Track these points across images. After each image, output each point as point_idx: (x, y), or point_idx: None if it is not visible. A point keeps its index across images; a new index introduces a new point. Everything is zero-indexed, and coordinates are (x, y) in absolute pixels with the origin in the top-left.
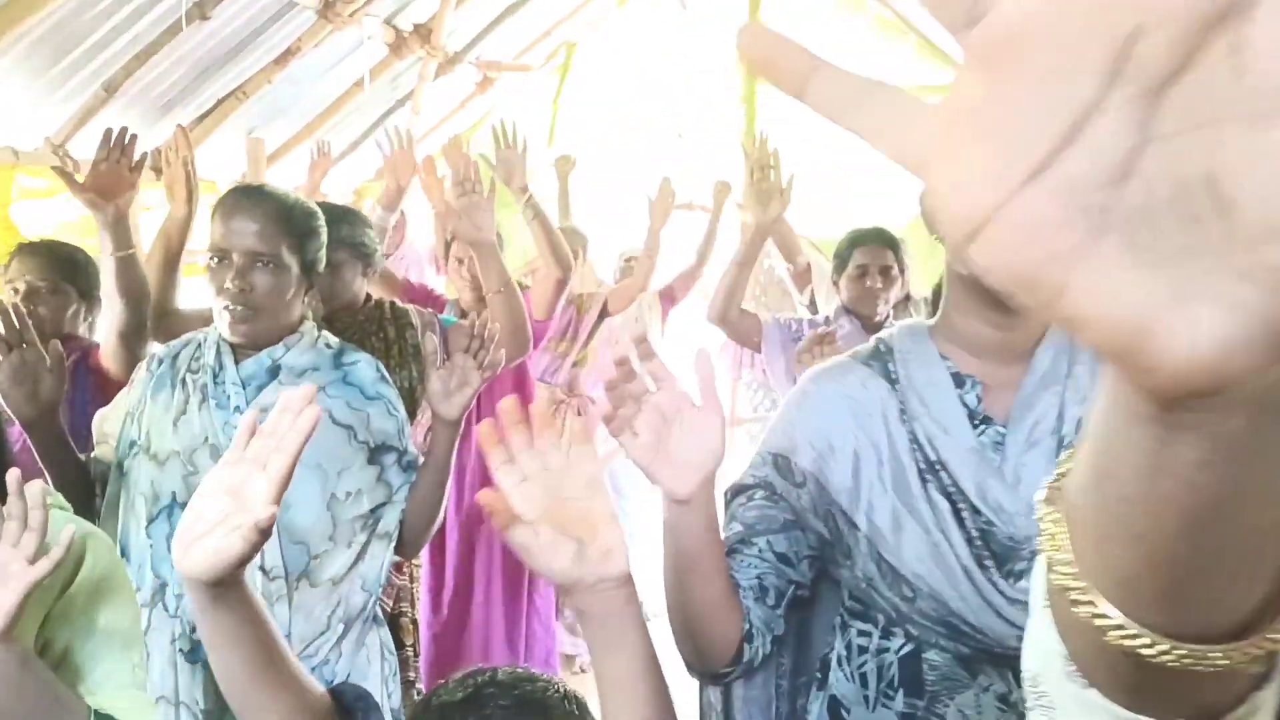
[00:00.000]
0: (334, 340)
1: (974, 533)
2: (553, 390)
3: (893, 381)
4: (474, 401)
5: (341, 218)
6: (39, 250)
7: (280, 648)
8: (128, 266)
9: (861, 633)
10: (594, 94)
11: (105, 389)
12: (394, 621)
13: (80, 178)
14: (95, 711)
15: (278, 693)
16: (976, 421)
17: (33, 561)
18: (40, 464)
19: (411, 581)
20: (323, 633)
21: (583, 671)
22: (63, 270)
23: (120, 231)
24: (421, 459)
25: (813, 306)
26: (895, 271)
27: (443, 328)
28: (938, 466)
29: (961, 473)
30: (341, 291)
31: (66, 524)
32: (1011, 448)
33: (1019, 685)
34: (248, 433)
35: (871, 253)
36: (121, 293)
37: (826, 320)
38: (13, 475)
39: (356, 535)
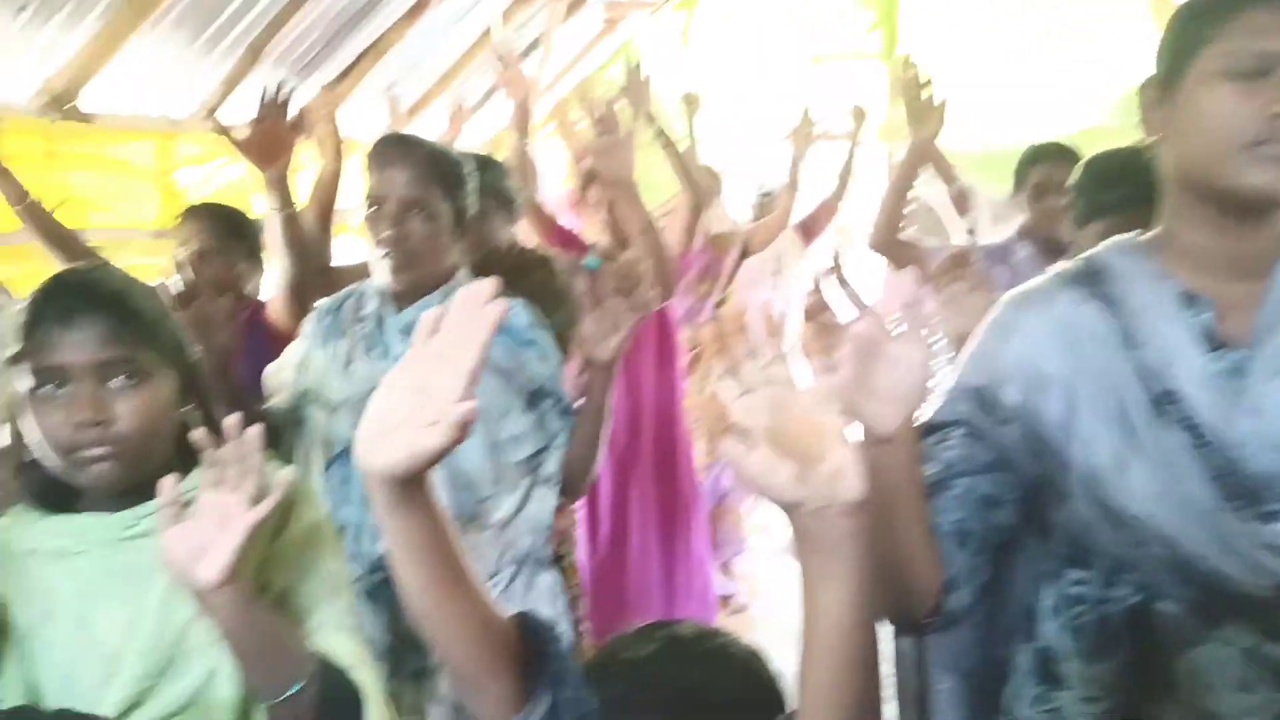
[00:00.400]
0: None
1: (1218, 470)
2: (695, 331)
3: (1111, 304)
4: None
5: (483, 166)
6: (205, 213)
7: (466, 562)
8: (291, 223)
9: (1078, 581)
10: (723, 27)
11: (277, 343)
12: (557, 562)
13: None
14: (317, 653)
15: (464, 606)
16: (1212, 346)
17: (253, 504)
18: None
19: (572, 525)
20: (493, 575)
21: (741, 610)
22: (229, 230)
23: (282, 190)
24: (576, 404)
25: (972, 234)
26: None
27: (589, 271)
28: (1169, 398)
29: (1198, 403)
30: (488, 238)
31: (277, 469)
32: (1255, 375)
33: (1268, 639)
34: (429, 330)
35: (1050, 169)
36: (288, 249)
37: (1006, 245)
38: (233, 420)
39: (520, 480)
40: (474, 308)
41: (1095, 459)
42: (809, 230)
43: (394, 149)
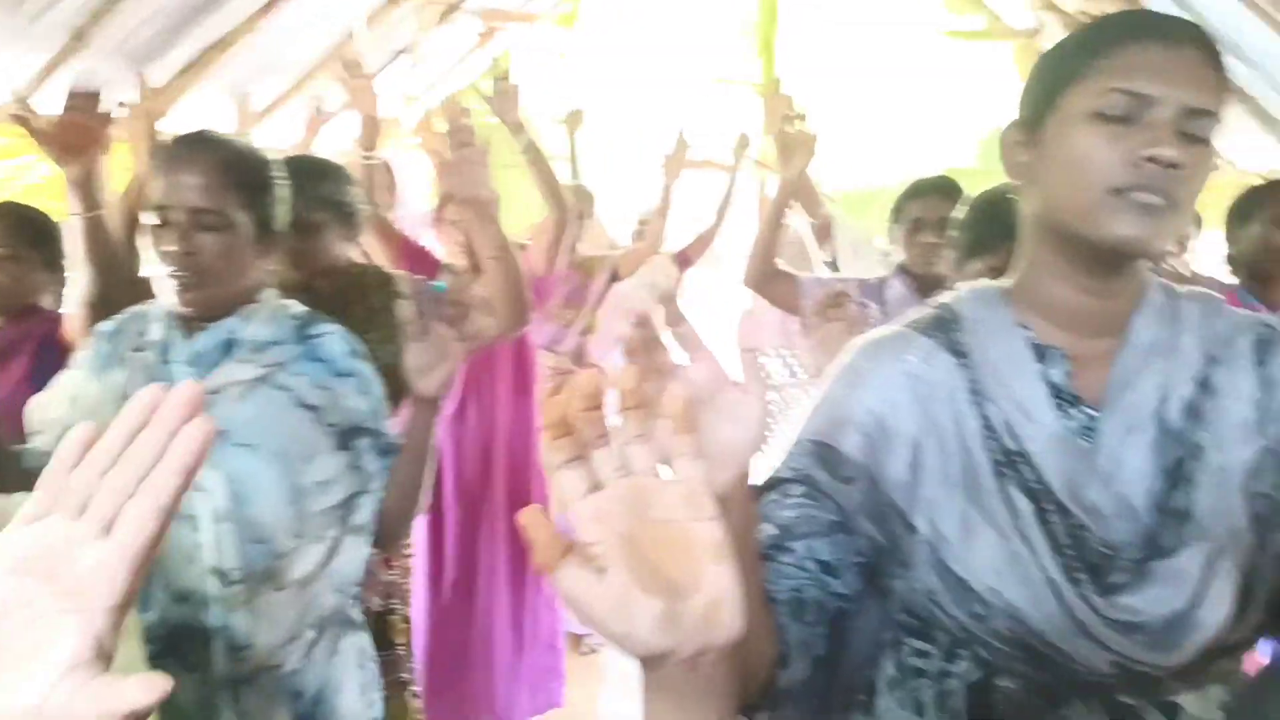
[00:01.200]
0: (300, 310)
1: (1063, 539)
2: (561, 360)
3: (960, 355)
4: (459, 376)
5: (322, 174)
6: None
7: None
8: (95, 229)
9: (918, 653)
10: (603, 45)
11: None
12: (382, 620)
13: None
14: None
15: None
16: (1063, 402)
17: None
18: None
19: (403, 576)
20: (291, 640)
21: (592, 652)
22: (24, 235)
23: (87, 190)
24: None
25: (833, 265)
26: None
27: (431, 295)
28: (1017, 458)
29: (1047, 465)
30: (319, 255)
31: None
32: (1107, 434)
33: (1109, 718)
34: (81, 450)
35: (928, 204)
36: (89, 258)
37: (881, 281)
38: None
39: (327, 530)
40: (167, 428)
41: (940, 524)
42: (685, 259)
43: (183, 151)
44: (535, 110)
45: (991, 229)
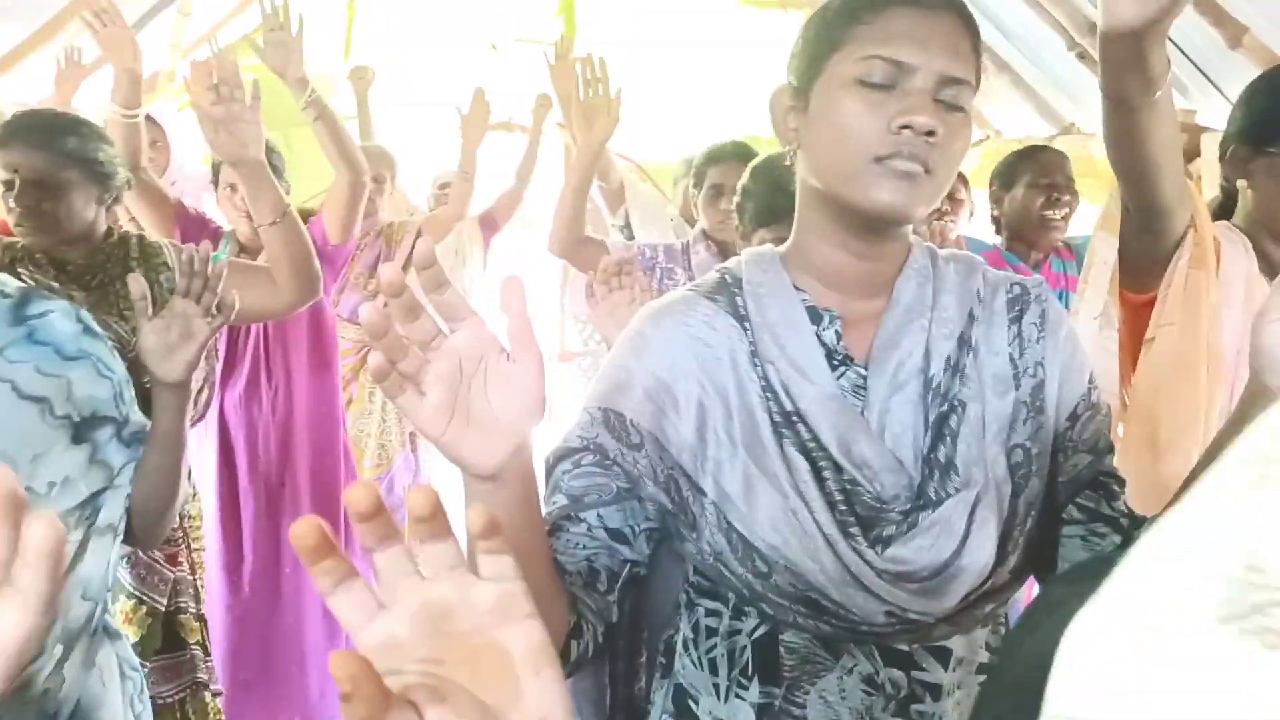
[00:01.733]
0: (12, 286)
1: (836, 494)
2: (361, 332)
3: (742, 319)
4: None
5: (68, 129)
6: None
7: None
8: None
9: (710, 612)
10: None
11: None
12: (173, 619)
13: None
14: None
15: None
16: (836, 362)
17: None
18: None
19: (192, 571)
20: (36, 658)
21: None
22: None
23: None
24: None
25: (627, 230)
26: None
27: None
28: (794, 418)
29: (821, 423)
30: (69, 221)
31: None
32: (875, 391)
33: (886, 665)
34: None
35: (728, 170)
36: None
37: (685, 247)
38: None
39: (70, 533)
40: None
41: (725, 484)
42: (490, 222)
43: None
44: (325, 68)
45: (775, 197)
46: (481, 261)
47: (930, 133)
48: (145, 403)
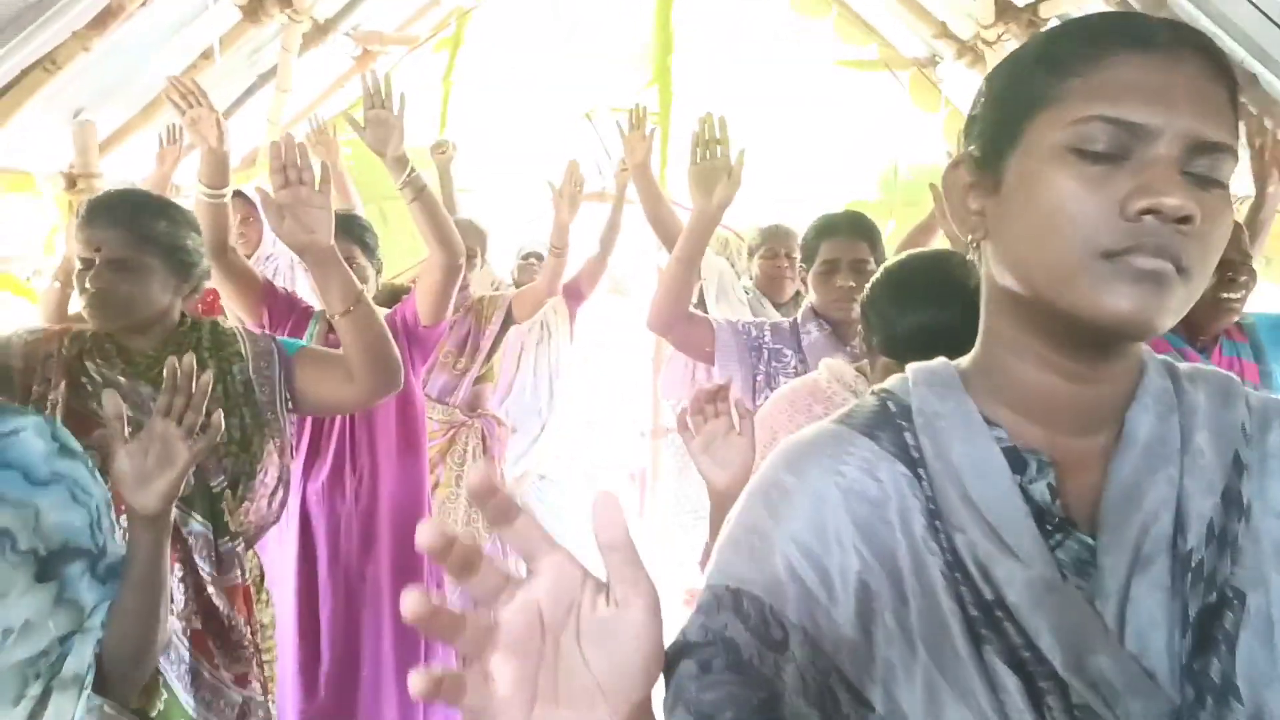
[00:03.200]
0: None
1: None
2: (451, 412)
3: (914, 464)
4: (332, 440)
5: (156, 211)
6: None
7: None
8: None
9: None
10: (489, 72)
11: None
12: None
13: None
14: None
15: None
16: (1050, 528)
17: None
18: None
19: (264, 692)
20: None
21: None
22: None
23: None
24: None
25: (701, 307)
26: (872, 267)
27: (282, 354)
28: (997, 611)
29: (1036, 621)
30: (144, 307)
31: None
32: (1110, 572)
33: None
34: None
35: (842, 246)
36: None
37: (794, 325)
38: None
39: (27, 687)
40: None
41: (901, 699)
42: (575, 294)
43: None
44: (417, 141)
45: (917, 315)
46: (568, 335)
47: (1184, 219)
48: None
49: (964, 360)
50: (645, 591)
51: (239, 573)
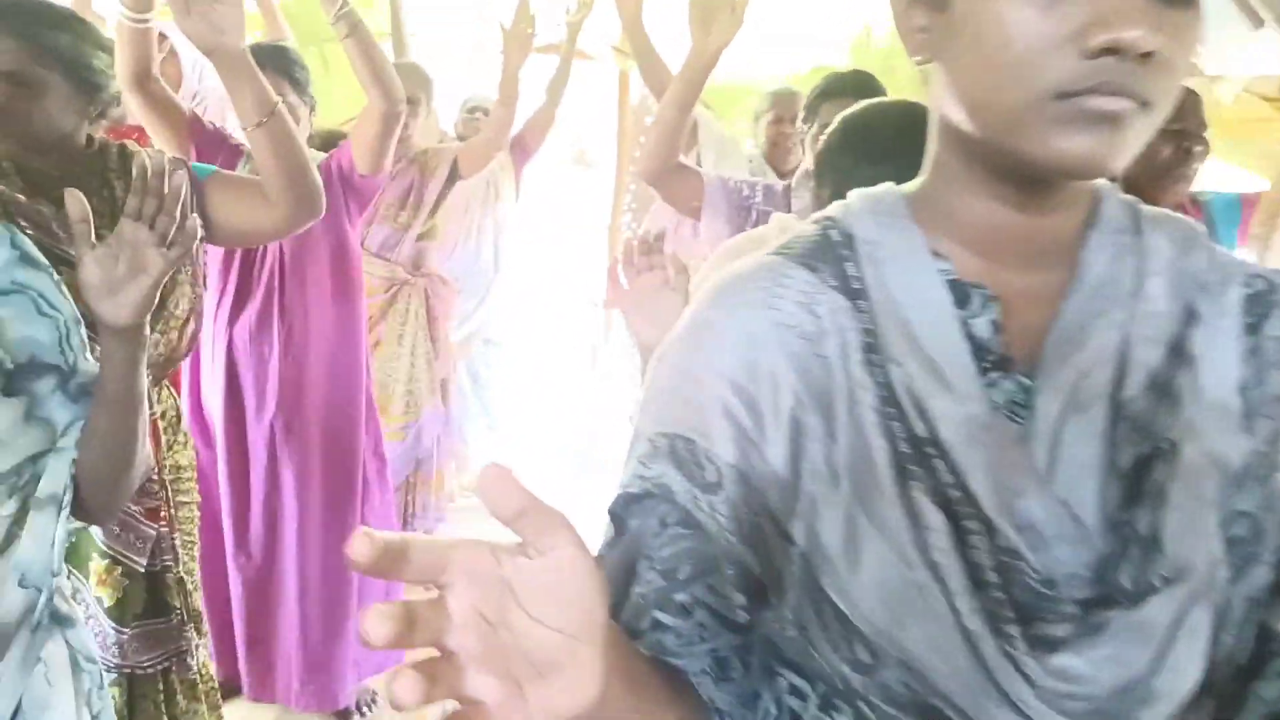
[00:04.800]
0: None
1: (986, 568)
2: (394, 269)
3: (854, 295)
4: (258, 280)
5: (58, 22)
6: None
7: None
8: None
9: (794, 691)
10: None
11: None
12: (154, 581)
13: None
14: None
15: None
16: (987, 365)
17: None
18: None
19: (173, 529)
20: None
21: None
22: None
23: None
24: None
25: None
26: None
27: (193, 178)
28: (928, 448)
29: (969, 459)
30: (43, 127)
31: None
32: (1043, 413)
33: None
34: None
35: (845, 107)
36: None
37: (788, 189)
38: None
39: (1, 505)
40: None
41: (822, 534)
42: (521, 148)
43: None
44: None
45: (871, 168)
46: (514, 192)
47: (1147, 54)
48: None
49: (909, 187)
50: (558, 528)
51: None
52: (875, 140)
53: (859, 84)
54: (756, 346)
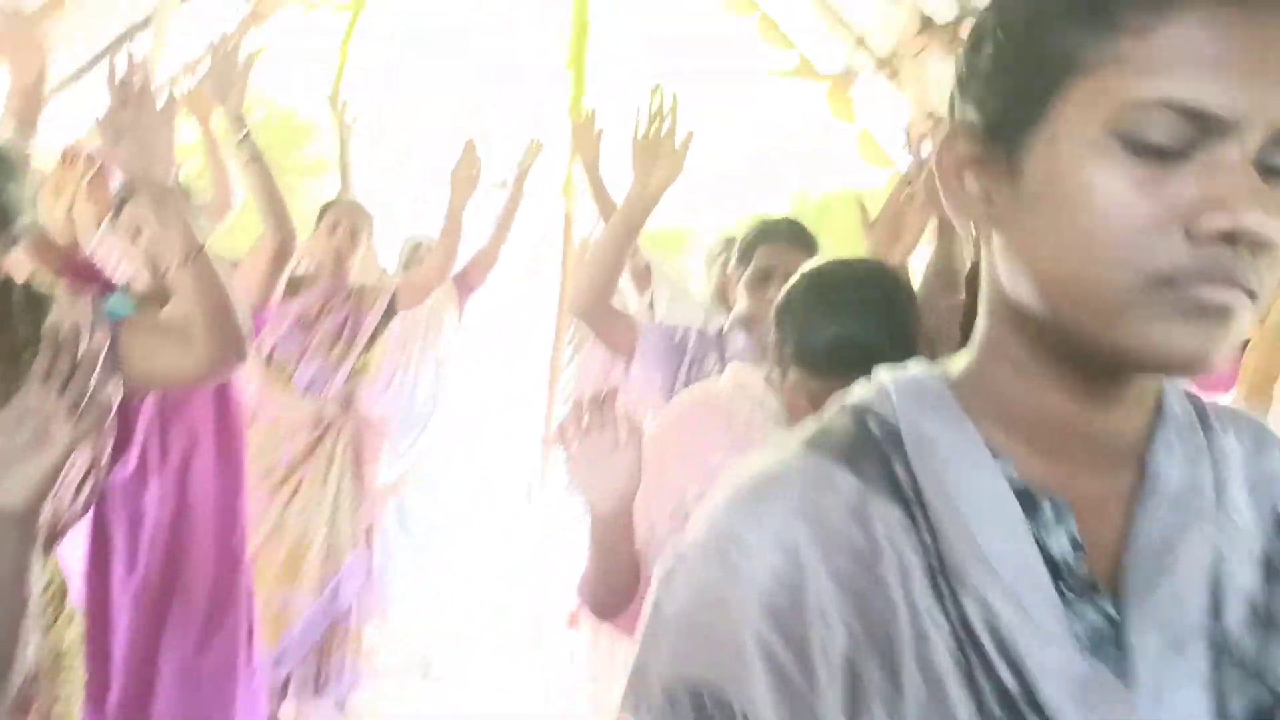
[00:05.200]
0: None
1: None
2: (321, 406)
3: (907, 504)
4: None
5: None
6: None
7: None
8: None
9: None
10: (389, 44)
11: None
12: None
13: None
14: None
15: None
16: (1068, 591)
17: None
18: None
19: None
20: None
21: None
22: None
23: None
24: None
25: (650, 313)
26: None
27: (112, 320)
28: (1023, 705)
29: (1064, 707)
30: None
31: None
32: (1141, 653)
33: None
34: None
35: (780, 253)
36: None
37: (719, 333)
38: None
39: None
40: None
41: None
42: (465, 284)
43: None
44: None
45: (836, 326)
46: (456, 324)
47: (1264, 244)
48: None
49: (948, 371)
50: None
51: None
52: (839, 296)
53: (792, 231)
54: (798, 567)
